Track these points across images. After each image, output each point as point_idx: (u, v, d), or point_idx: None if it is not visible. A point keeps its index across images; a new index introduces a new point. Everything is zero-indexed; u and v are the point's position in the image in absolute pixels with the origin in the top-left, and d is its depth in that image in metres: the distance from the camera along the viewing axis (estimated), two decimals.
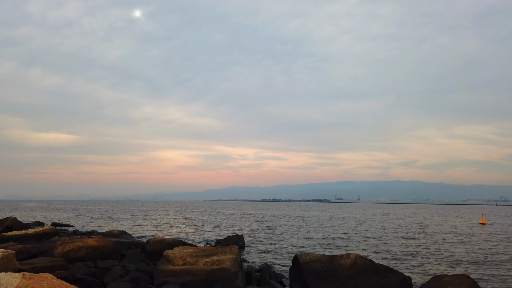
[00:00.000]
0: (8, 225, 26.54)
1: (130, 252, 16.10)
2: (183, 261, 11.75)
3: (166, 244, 16.28)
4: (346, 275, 11.07)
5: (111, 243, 15.57)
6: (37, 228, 23.06)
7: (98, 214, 66.90)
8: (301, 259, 11.84)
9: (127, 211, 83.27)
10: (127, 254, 15.81)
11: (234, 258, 11.63)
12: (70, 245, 14.99)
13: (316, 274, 11.39)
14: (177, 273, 10.95)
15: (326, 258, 11.76)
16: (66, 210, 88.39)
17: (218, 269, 10.89)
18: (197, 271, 10.84)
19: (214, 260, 11.44)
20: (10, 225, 26.60)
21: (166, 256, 12.41)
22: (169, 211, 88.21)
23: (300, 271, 11.78)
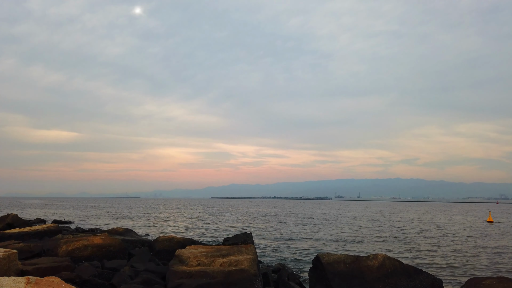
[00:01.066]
0: (9, 222, 25.79)
1: (138, 251, 15.32)
2: (198, 261, 10.98)
3: (175, 242, 15.49)
4: (374, 277, 10.29)
5: (118, 241, 14.80)
6: (39, 226, 22.29)
7: (100, 212, 66.19)
8: (324, 259, 11.07)
9: (129, 209, 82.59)
10: (134, 253, 15.03)
11: (252, 259, 10.84)
12: (75, 243, 14.23)
13: (341, 275, 10.62)
14: (192, 275, 10.17)
15: (351, 258, 10.98)
16: (67, 207, 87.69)
17: (236, 270, 10.10)
18: (213, 272, 10.05)
19: (231, 260, 10.65)
20: (11, 222, 25.84)
21: (178, 255, 11.63)
22: (171, 208, 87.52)
23: (322, 272, 11.01)
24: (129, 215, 54.53)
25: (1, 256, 9.39)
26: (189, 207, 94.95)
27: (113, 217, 50.56)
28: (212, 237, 25.90)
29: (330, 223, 40.75)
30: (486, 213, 77.16)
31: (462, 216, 60.52)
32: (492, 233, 30.99)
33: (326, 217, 55.08)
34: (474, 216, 61.67)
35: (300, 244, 22.60)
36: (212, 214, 58.62)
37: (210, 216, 52.93)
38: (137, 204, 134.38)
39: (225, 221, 42.90)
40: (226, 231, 30.01)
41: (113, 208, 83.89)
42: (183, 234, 27.37)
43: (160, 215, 54.60)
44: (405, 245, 22.37)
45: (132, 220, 44.57)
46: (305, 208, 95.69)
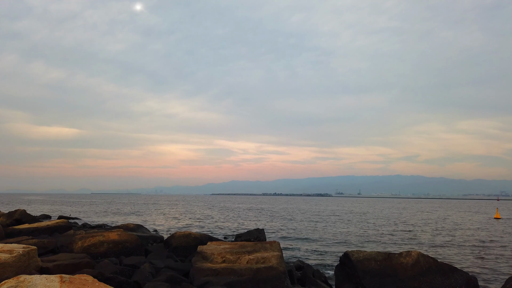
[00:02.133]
0: (17, 218, 25.38)
1: (154, 248, 14.94)
2: (223, 258, 10.58)
3: (193, 238, 15.10)
4: (408, 276, 9.88)
5: (134, 237, 14.40)
6: (49, 221, 21.90)
7: (104, 208, 65.87)
8: (353, 256, 10.66)
9: (132, 205, 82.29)
10: (151, 249, 14.64)
11: (279, 256, 10.45)
12: (90, 239, 13.83)
13: (372, 273, 10.22)
14: (219, 272, 9.76)
15: (382, 255, 10.58)
16: (70, 204, 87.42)
17: (265, 267, 9.70)
18: (241, 270, 9.64)
19: (258, 257, 10.25)
20: (19, 218, 25.43)
21: (201, 252, 11.24)
22: (174, 204, 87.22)
23: (352, 270, 10.60)
24: (134, 212, 54.19)
25: (20, 253, 8.99)
26: (193, 204, 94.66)
27: (118, 213, 50.23)
28: (222, 233, 25.51)
29: (342, 220, 40.38)
30: (491, 209, 76.80)
31: (467, 213, 60.12)
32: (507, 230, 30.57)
33: (335, 213, 54.72)
34: (481, 213, 61.28)
35: (316, 241, 22.19)
36: (218, 211, 58.27)
37: (216, 213, 52.58)
38: (139, 200, 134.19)
39: (233, 217, 42.53)
40: (235, 228, 29.64)
41: (116, 204, 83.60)
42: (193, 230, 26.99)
43: (165, 211, 54.27)
44: (424, 241, 21.95)
45: (138, 216, 44.22)
46: (310, 205, 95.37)
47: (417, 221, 39.95)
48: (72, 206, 73.87)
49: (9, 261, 8.61)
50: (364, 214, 53.73)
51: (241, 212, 54.40)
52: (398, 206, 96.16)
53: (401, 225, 34.13)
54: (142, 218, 40.65)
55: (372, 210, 68.72)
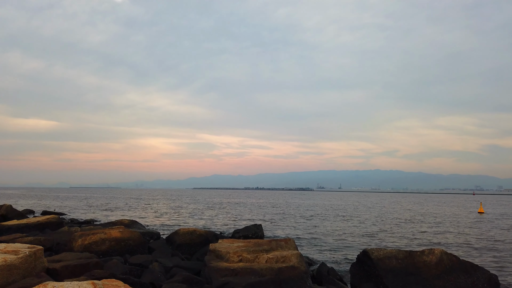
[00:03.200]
0: (2, 213, 24.25)
1: (157, 245, 14.34)
2: (239, 257, 10.12)
3: (197, 235, 14.57)
4: (432, 274, 9.64)
5: (137, 234, 13.77)
6: (39, 217, 20.94)
7: (88, 202, 64.31)
8: (373, 254, 10.37)
9: (116, 199, 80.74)
10: (154, 247, 14.05)
11: (299, 254, 10.06)
12: (91, 237, 13.13)
13: (394, 272, 9.94)
14: (238, 272, 9.30)
15: (403, 253, 10.32)
16: (50, 198, 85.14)
17: (287, 267, 9.29)
18: (261, 269, 9.20)
19: (278, 256, 9.83)
20: (5, 214, 24.31)
21: (214, 250, 10.76)
22: (160, 199, 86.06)
23: (372, 268, 10.31)
24: (120, 207, 53.02)
25: (27, 254, 8.32)
26: (178, 198, 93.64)
27: (104, 208, 49.00)
28: (216, 229, 24.99)
29: (336, 215, 40.39)
30: (473, 204, 78.54)
31: (451, 208, 61.25)
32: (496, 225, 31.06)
33: (325, 208, 54.84)
34: (464, 207, 62.54)
35: (317, 237, 21.94)
36: (206, 205, 57.63)
37: (205, 208, 51.95)
38: (121, 194, 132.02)
39: (223, 212, 41.99)
40: (229, 223, 29.17)
41: (99, 199, 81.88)
42: (187, 226, 26.39)
43: (152, 207, 53.30)
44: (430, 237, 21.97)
45: (126, 211, 43.22)
46: (297, 199, 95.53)
47: (409, 216, 40.33)
48: (54, 200, 71.90)
49: (16, 263, 7.94)
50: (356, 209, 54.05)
51: (231, 207, 53.88)
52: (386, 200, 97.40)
53: (395, 220, 34.33)
54: (130, 213, 39.73)
55: (357, 203, 69.28)
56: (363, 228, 25.77)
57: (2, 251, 8.35)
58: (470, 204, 75.97)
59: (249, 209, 48.20)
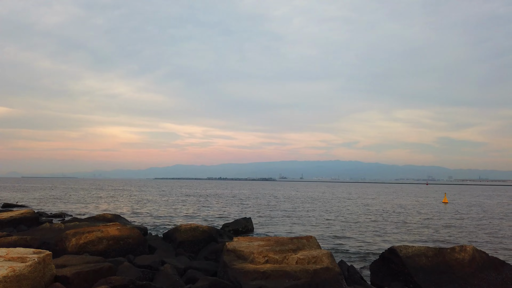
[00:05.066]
0: None
1: (158, 243, 13.31)
2: (265, 257, 9.38)
3: (201, 232, 13.65)
4: (466, 272, 9.37)
5: (136, 232, 12.68)
6: (11, 212, 19.12)
7: (49, 194, 60.86)
8: (401, 252, 9.97)
9: (76, 190, 77.19)
10: (155, 245, 13.01)
11: (330, 254, 9.47)
12: (86, 235, 11.92)
13: (425, 270, 9.60)
14: (269, 275, 8.58)
15: (432, 251, 10.00)
16: (7, 189, 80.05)
17: (322, 269, 8.67)
18: (295, 272, 8.53)
19: (309, 256, 9.19)
20: None
21: (234, 250, 9.95)
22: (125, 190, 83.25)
23: (400, 267, 9.91)
24: (87, 197, 50.48)
25: (36, 261, 7.18)
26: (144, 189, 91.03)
27: (70, 199, 46.42)
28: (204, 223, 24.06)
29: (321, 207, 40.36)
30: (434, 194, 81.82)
31: (418, 198, 63.37)
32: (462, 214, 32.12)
33: (301, 199, 54.92)
34: (428, 198, 64.87)
35: (310, 230, 21.55)
36: (178, 198, 56.16)
37: (176, 199, 50.54)
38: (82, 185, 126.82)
39: (200, 205, 40.89)
40: (210, 216, 28.27)
41: (61, 189, 77.94)
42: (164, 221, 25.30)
43: (119, 199, 51.17)
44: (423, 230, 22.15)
45: (96, 204, 41.09)
46: (269, 190, 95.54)
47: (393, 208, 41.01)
48: (9, 191, 67.49)
49: (25, 272, 6.81)
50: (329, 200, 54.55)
51: (206, 199, 52.71)
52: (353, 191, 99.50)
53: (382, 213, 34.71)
54: (100, 206, 37.78)
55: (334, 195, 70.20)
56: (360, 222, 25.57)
57: (5, 258, 7.15)
58: (433, 195, 79.09)
59: (226, 201, 47.35)
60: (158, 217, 26.21)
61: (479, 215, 32.21)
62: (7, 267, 6.64)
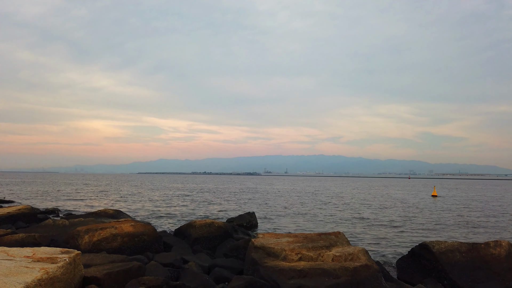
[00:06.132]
0: None
1: (173, 240, 12.78)
2: (298, 254, 8.99)
3: (216, 228, 13.16)
4: (503, 268, 9.15)
5: (151, 228, 12.12)
6: (8, 208, 18.25)
7: (37, 189, 59.21)
8: (435, 248, 9.72)
9: (60, 185, 75.44)
10: (170, 242, 12.48)
11: (365, 250, 9.14)
12: (100, 233, 11.31)
13: (460, 266, 9.36)
14: (306, 273, 8.19)
15: (466, 246, 9.77)
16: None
17: (362, 266, 8.32)
18: (335, 270, 8.16)
19: (345, 254, 8.83)
20: None
21: (263, 247, 9.52)
22: (115, 185, 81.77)
23: (433, 263, 9.66)
24: (75, 193, 49.23)
25: (67, 261, 6.61)
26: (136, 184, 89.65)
27: (60, 195, 45.16)
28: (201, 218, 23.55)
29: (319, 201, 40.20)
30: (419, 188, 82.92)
31: (408, 192, 64.04)
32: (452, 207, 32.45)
33: (297, 193, 54.77)
34: (420, 191, 65.61)
35: (314, 225, 21.28)
36: (171, 192, 55.33)
37: (175, 195, 49.77)
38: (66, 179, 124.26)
39: (193, 200, 40.29)
40: (214, 211, 27.77)
41: (45, 184, 76.03)
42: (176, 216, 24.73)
43: (113, 194, 50.10)
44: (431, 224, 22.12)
45: (87, 199, 40.04)
46: (261, 185, 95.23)
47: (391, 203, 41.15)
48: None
49: (58, 274, 6.24)
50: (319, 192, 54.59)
51: (203, 194, 52.00)
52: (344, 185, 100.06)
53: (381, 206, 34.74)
54: (92, 202, 36.81)
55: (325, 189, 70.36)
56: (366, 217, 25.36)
57: (34, 259, 6.56)
58: (421, 188, 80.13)
59: (222, 196, 46.81)
60: (160, 213, 25.54)
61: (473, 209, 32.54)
62: (38, 269, 6.07)
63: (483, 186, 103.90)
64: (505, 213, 29.06)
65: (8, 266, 6.05)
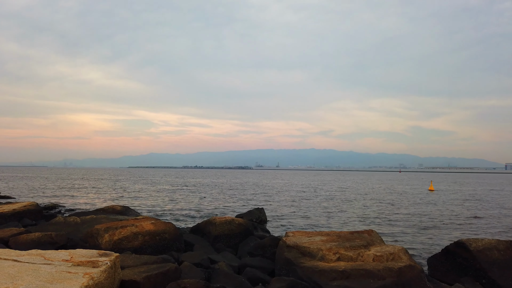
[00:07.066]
0: None
1: (193, 238, 12.37)
2: (335, 254, 8.65)
3: (237, 225, 12.77)
4: None
5: (172, 226, 11.69)
6: (13, 204, 17.63)
7: (30, 184, 58.12)
8: (472, 246, 9.46)
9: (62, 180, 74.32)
10: (190, 240, 12.08)
11: (405, 250, 8.85)
12: (120, 231, 10.86)
13: (499, 265, 9.12)
14: (349, 274, 7.87)
15: (504, 244, 9.53)
16: None
17: (406, 267, 8.03)
18: (379, 270, 7.86)
19: (386, 253, 8.52)
20: None
21: (297, 246, 9.18)
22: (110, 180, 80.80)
23: (470, 261, 9.40)
24: (71, 189, 48.40)
25: (108, 265, 6.19)
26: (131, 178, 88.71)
27: (56, 191, 44.31)
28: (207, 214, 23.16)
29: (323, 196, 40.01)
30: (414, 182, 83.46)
31: (405, 186, 64.33)
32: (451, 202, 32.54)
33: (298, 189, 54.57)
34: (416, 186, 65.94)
35: (322, 221, 21.02)
36: (176, 187, 54.76)
37: (173, 189, 49.22)
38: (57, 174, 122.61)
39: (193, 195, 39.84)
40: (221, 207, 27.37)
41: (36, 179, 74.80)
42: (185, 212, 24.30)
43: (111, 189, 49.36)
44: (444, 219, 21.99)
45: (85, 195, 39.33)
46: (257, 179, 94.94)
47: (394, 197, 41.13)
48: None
49: (102, 280, 5.82)
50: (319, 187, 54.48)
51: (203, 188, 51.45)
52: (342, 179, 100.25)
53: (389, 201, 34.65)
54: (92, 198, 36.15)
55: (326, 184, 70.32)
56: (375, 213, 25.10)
57: (74, 262, 6.12)
58: (415, 182, 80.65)
59: (223, 192, 46.37)
60: (166, 210, 25.04)
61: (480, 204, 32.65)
62: (82, 274, 5.65)
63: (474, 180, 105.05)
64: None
65: (49, 271, 5.61)
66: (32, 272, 5.47)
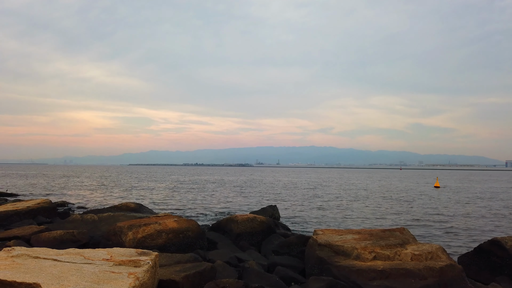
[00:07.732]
0: None
1: (216, 236, 12.15)
2: (371, 253, 8.41)
3: (259, 223, 12.54)
4: None
5: (195, 224, 11.46)
6: (27, 201, 17.42)
7: (33, 181, 57.97)
8: (508, 244, 9.25)
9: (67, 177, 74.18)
10: (213, 238, 11.85)
11: (442, 248, 8.62)
12: (144, 229, 10.61)
13: None
14: (389, 274, 7.63)
15: None
16: None
17: (447, 266, 7.79)
18: (419, 270, 7.61)
19: (424, 252, 8.28)
20: None
21: (329, 245, 8.93)
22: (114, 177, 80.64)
23: (507, 260, 9.19)
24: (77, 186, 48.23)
25: (150, 264, 5.96)
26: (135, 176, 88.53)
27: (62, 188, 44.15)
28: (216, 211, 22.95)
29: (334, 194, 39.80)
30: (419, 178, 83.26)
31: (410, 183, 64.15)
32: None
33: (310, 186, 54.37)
34: (418, 182, 65.79)
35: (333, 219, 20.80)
36: (182, 185, 54.57)
37: (181, 187, 49.04)
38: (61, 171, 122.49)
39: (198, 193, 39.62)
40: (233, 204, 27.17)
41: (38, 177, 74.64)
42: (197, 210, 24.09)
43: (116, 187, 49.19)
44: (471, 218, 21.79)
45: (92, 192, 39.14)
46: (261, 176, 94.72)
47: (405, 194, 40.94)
48: None
49: (145, 279, 5.59)
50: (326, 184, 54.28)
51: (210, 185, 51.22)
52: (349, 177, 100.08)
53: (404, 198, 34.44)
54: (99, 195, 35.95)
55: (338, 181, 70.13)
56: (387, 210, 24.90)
57: (115, 262, 5.89)
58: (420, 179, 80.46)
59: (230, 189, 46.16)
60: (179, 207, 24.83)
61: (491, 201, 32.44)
62: (127, 274, 5.42)
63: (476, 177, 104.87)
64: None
65: (93, 271, 5.38)
66: (76, 272, 5.24)
